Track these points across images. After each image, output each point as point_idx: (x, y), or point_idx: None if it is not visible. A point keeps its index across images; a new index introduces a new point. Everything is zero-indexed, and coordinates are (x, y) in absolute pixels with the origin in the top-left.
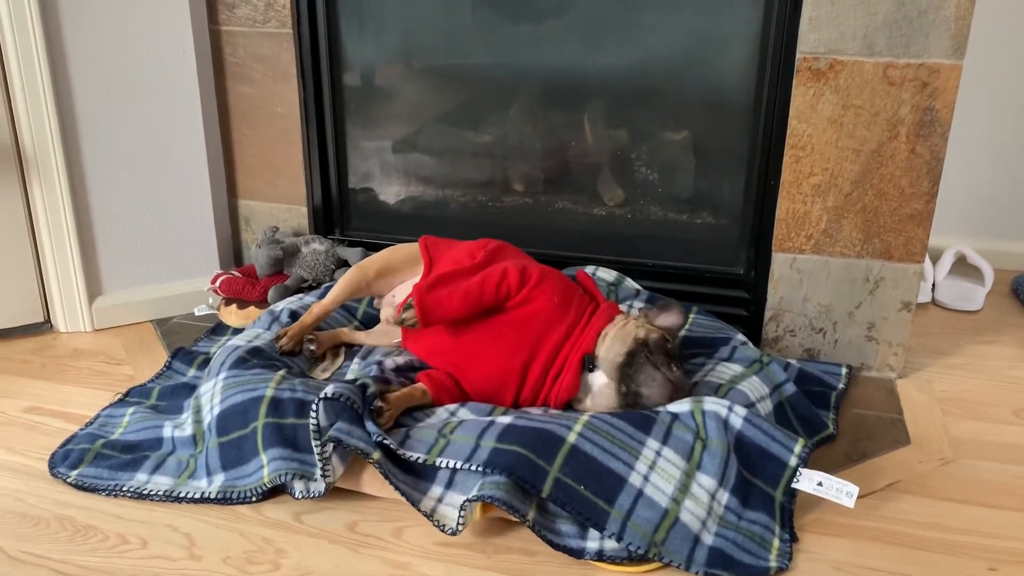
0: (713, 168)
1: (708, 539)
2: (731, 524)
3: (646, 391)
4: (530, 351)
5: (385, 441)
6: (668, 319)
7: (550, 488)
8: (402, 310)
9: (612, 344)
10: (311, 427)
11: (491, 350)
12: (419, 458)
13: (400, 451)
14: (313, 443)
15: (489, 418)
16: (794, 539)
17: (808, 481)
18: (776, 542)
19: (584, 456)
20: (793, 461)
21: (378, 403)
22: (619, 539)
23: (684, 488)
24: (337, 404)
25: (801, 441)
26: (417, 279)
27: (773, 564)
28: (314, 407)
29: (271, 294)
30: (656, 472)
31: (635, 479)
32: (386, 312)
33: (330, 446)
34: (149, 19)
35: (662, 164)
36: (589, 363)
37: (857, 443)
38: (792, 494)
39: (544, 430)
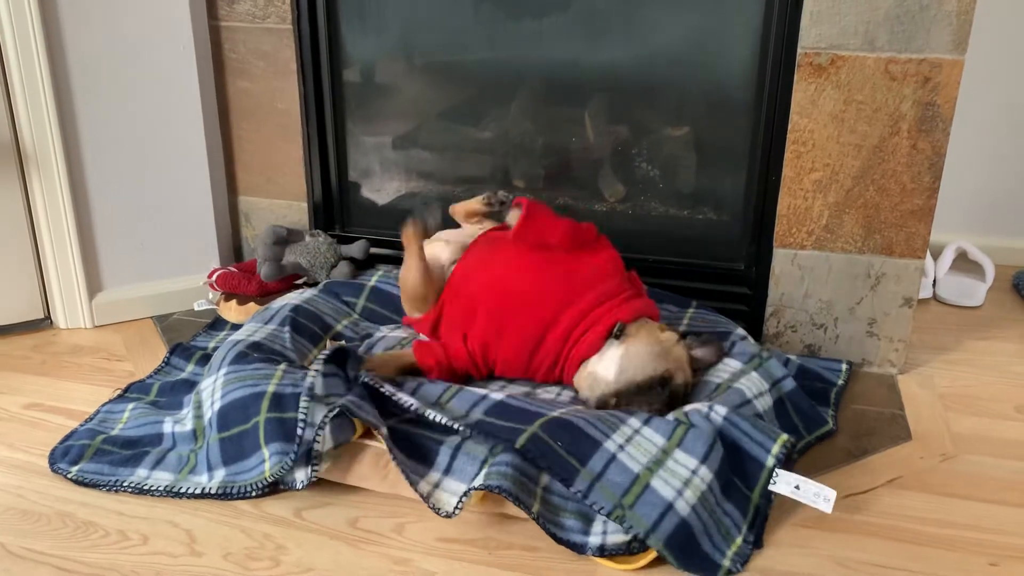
0: (714, 164)
1: (684, 509)
2: (708, 504)
3: (634, 409)
4: (566, 303)
5: (371, 382)
6: (704, 353)
7: (524, 441)
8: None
9: (648, 349)
10: (306, 389)
11: (533, 297)
12: (412, 405)
13: (396, 395)
14: (301, 401)
15: (483, 391)
16: (758, 545)
17: (785, 484)
18: (739, 541)
19: (564, 419)
20: (770, 461)
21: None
22: (584, 497)
23: (658, 462)
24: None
25: (780, 440)
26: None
27: (726, 564)
28: (313, 373)
29: (264, 270)
30: (632, 445)
31: (610, 445)
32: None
33: (319, 414)
34: (149, 15)
35: (663, 160)
36: (619, 331)
37: (858, 439)
38: (769, 497)
39: (530, 410)
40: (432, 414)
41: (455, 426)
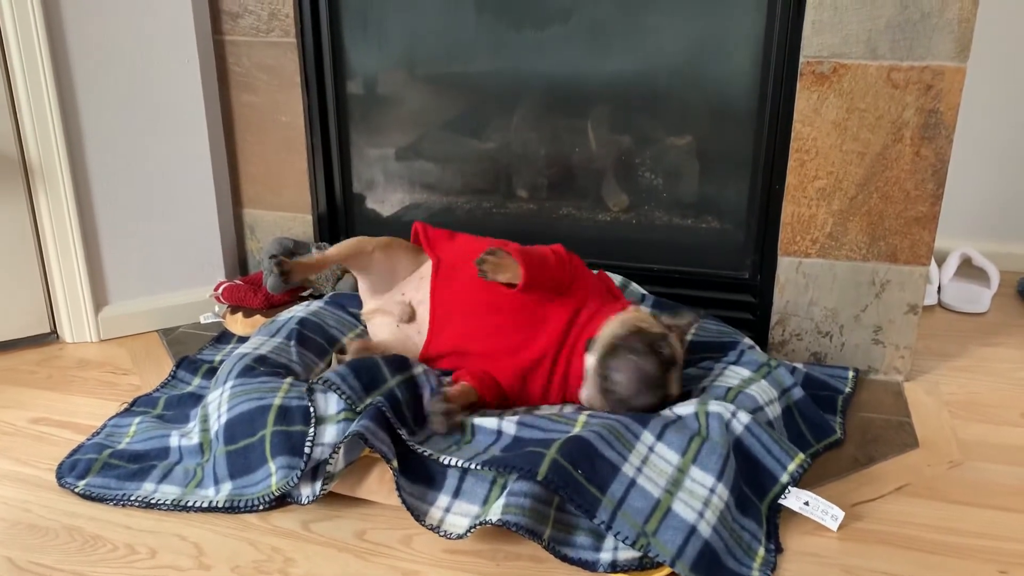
0: (718, 172)
1: (706, 531)
2: (727, 523)
3: (617, 376)
4: (558, 339)
5: (419, 449)
6: (679, 320)
7: (546, 470)
8: (482, 255)
9: (609, 327)
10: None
11: (525, 339)
12: (427, 452)
13: (413, 445)
14: (310, 430)
15: (497, 428)
16: (779, 550)
17: (795, 499)
18: (761, 551)
19: (581, 440)
20: (784, 478)
21: (444, 405)
22: (608, 527)
23: (676, 483)
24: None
25: (798, 459)
26: (416, 276)
27: (755, 574)
28: (311, 389)
29: (270, 282)
30: (648, 466)
31: (628, 469)
32: (391, 307)
33: (329, 434)
34: (153, 30)
35: (666, 169)
36: (589, 346)
37: (865, 446)
38: (777, 508)
39: (547, 439)
40: (446, 459)
41: (471, 466)
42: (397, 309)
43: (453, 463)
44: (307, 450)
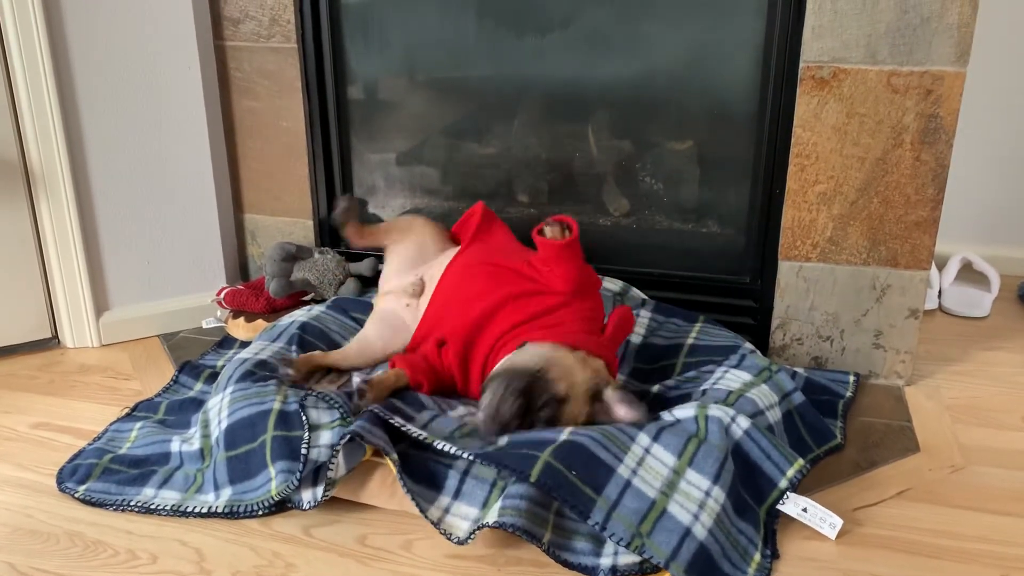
0: (718, 177)
1: (701, 533)
2: (723, 526)
3: (483, 397)
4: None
5: (415, 433)
6: (623, 412)
7: (539, 472)
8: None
9: (540, 351)
10: (303, 421)
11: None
12: (421, 435)
13: (405, 427)
14: (303, 436)
15: None
16: (775, 556)
17: (793, 505)
18: (757, 557)
19: (574, 444)
20: (783, 484)
21: (361, 385)
22: (602, 529)
23: (672, 485)
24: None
25: (796, 465)
26: (442, 258)
27: None
28: (303, 405)
29: (273, 286)
30: (644, 468)
31: (623, 471)
32: (404, 286)
33: (324, 438)
34: (155, 36)
35: (667, 174)
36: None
37: (866, 451)
38: (775, 514)
39: (542, 440)
40: (442, 444)
41: (465, 455)
42: (410, 288)
43: (448, 449)
44: (304, 451)
